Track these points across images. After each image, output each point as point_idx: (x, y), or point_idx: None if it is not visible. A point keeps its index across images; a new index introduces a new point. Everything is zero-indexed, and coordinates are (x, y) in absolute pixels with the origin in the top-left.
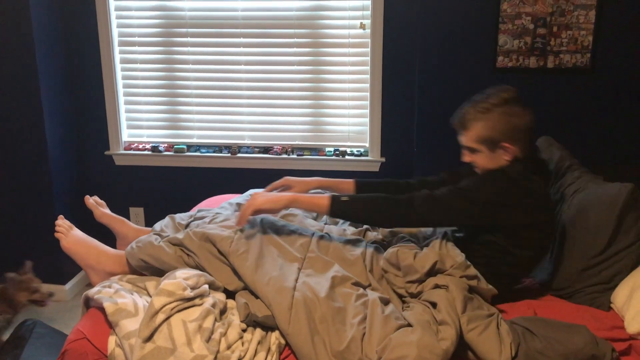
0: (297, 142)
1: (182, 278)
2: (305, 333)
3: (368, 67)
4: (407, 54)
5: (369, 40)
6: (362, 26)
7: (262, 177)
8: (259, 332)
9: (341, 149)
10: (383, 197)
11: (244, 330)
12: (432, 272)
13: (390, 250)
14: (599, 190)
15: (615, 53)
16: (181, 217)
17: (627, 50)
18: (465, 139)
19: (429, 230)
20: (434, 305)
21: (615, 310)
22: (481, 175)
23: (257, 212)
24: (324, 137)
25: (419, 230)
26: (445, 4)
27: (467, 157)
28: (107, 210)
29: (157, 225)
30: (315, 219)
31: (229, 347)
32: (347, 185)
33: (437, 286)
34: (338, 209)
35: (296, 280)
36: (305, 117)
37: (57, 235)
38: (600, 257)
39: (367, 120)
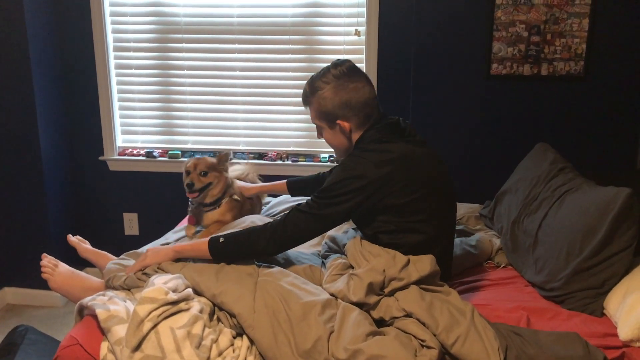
0: (292, 148)
1: (161, 283)
2: (269, 332)
3: None
4: (401, 61)
5: (364, 47)
6: (357, 33)
7: None
8: (247, 338)
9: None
10: (256, 229)
11: (235, 337)
12: (376, 290)
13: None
14: (594, 192)
15: (609, 61)
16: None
17: (620, 58)
18: (311, 116)
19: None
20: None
21: (608, 316)
22: (336, 170)
23: (145, 267)
24: (318, 143)
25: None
26: (440, 11)
27: (318, 136)
28: (89, 246)
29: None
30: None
31: (220, 354)
32: (281, 186)
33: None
34: (218, 253)
35: (255, 283)
36: (300, 123)
37: (44, 276)
38: (592, 260)
39: None
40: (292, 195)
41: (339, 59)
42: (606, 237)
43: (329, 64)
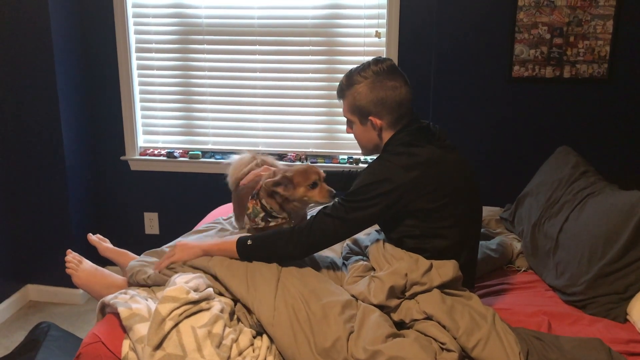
0: (311, 149)
1: (183, 282)
2: (288, 330)
3: None
4: (422, 63)
5: (384, 48)
6: (378, 34)
7: None
8: (266, 337)
9: (355, 156)
10: (283, 232)
11: (255, 337)
12: (397, 294)
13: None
14: (617, 196)
15: (633, 63)
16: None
17: None
18: (343, 109)
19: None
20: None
21: (631, 322)
22: (363, 173)
23: (172, 263)
24: (337, 144)
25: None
26: (461, 12)
27: (348, 130)
28: (110, 245)
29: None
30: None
31: (240, 354)
32: None
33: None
34: (245, 254)
35: (277, 280)
36: (319, 125)
37: (68, 272)
38: (615, 265)
39: None
40: None
41: (380, 57)
42: (630, 242)
43: (370, 59)
